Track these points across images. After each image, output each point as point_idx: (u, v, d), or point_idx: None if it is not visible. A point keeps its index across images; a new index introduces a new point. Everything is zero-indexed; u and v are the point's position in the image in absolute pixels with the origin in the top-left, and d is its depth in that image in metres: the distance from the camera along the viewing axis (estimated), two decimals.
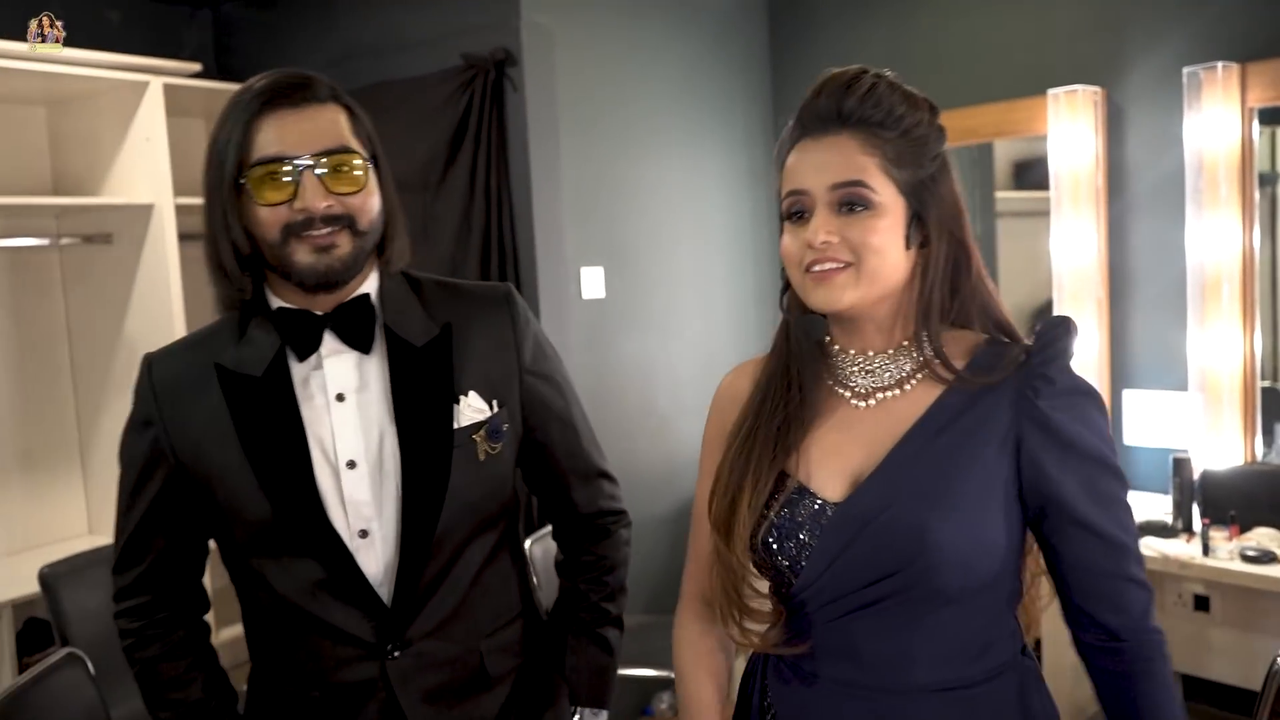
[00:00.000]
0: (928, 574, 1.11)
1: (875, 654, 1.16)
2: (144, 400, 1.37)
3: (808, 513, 1.18)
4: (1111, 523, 1.14)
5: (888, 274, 1.15)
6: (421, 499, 1.32)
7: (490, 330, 1.40)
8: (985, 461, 1.13)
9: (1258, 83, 2.97)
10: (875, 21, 3.77)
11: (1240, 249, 3.03)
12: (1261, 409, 3.09)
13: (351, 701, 1.34)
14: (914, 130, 1.15)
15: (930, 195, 1.16)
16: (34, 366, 3.49)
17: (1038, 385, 1.14)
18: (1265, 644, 2.30)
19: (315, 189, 1.25)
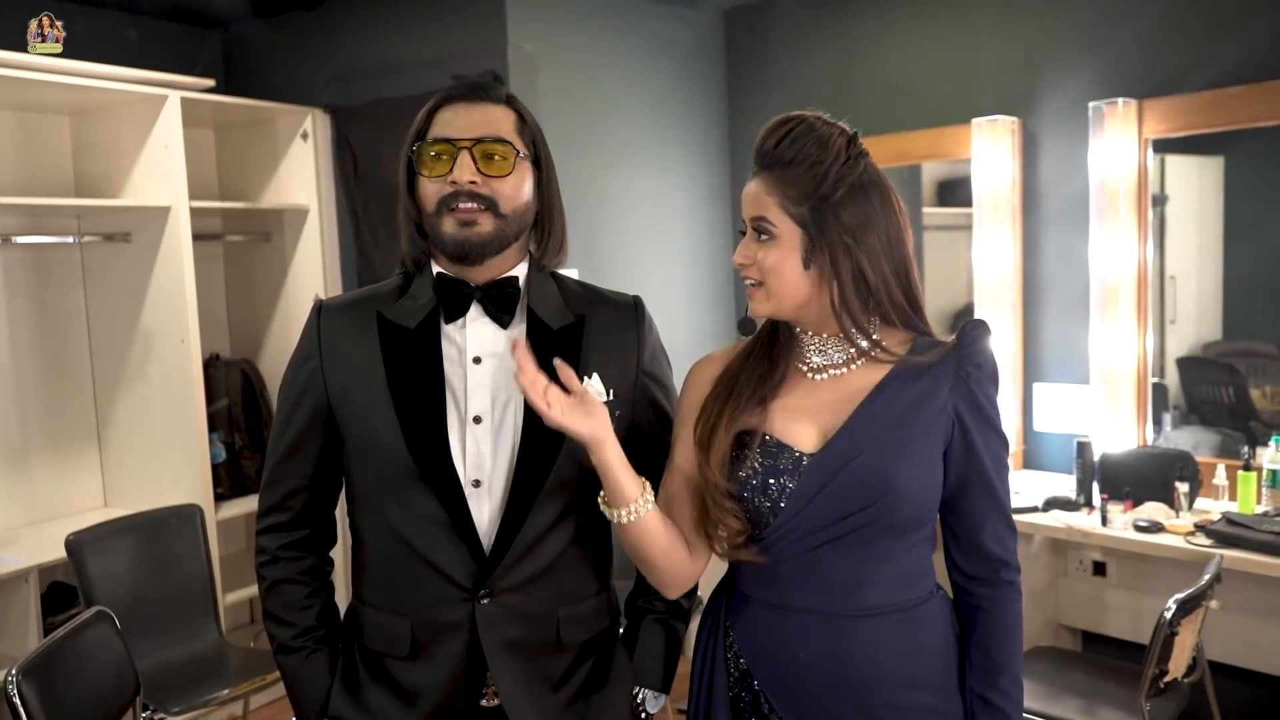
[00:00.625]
0: (889, 508, 1.25)
1: (836, 581, 1.29)
2: (309, 337, 1.42)
3: (786, 462, 1.30)
4: (999, 480, 1.32)
5: (788, 291, 1.28)
6: (535, 458, 1.35)
7: (617, 330, 1.45)
8: (928, 423, 1.28)
9: (1152, 116, 3.09)
10: (820, 57, 3.85)
11: (1136, 261, 3.15)
12: (1153, 400, 3.23)
13: (441, 637, 1.37)
14: (817, 168, 1.25)
15: (828, 223, 1.25)
16: (56, 354, 3.48)
17: (970, 370, 1.29)
18: (1154, 603, 2.40)
19: (466, 166, 1.32)
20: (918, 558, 1.32)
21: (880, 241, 1.28)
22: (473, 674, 1.37)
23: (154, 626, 2.86)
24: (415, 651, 1.38)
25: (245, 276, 3.98)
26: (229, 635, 3.17)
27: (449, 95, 1.37)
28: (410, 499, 1.35)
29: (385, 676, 1.41)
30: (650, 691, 1.49)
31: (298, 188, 3.75)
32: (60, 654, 2.18)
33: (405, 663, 1.39)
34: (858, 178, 1.27)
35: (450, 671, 1.37)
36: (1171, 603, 2.27)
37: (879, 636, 1.29)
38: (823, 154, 1.26)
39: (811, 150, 1.26)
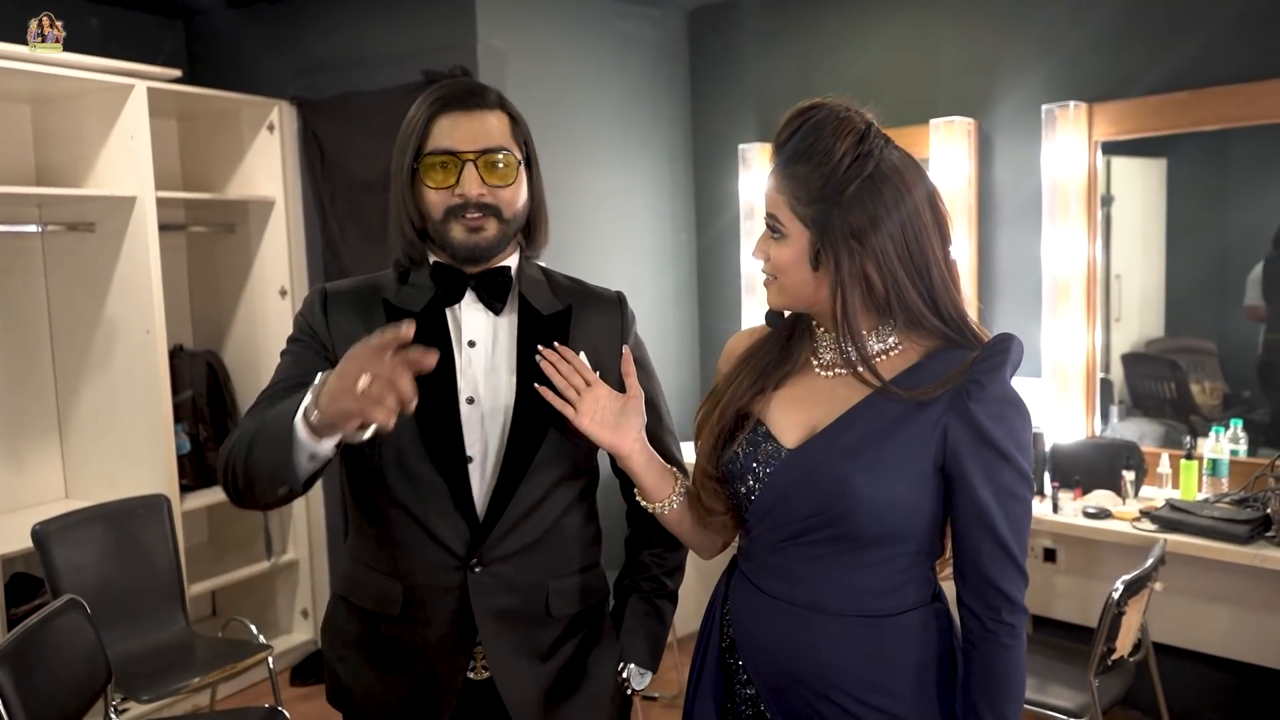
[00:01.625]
0: (846, 517, 1.22)
1: (803, 577, 1.28)
2: (314, 316, 1.46)
3: (765, 453, 1.31)
4: (1002, 512, 1.21)
5: (798, 289, 1.27)
6: (525, 435, 1.41)
7: (603, 320, 1.53)
8: (914, 439, 1.22)
9: (1102, 120, 3.20)
10: (783, 58, 3.93)
11: (1086, 259, 3.27)
12: (1100, 394, 3.35)
13: (432, 600, 1.41)
14: (826, 164, 1.20)
15: (833, 227, 1.21)
16: (16, 344, 3.44)
17: (970, 388, 1.21)
18: (1101, 588, 2.50)
19: (473, 179, 1.38)
20: (897, 571, 1.27)
21: (892, 241, 1.21)
22: (462, 640, 1.42)
23: (121, 616, 2.85)
24: (406, 613, 1.43)
25: (209, 268, 3.96)
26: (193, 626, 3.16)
27: (444, 103, 1.41)
28: (413, 470, 1.40)
29: (374, 634, 1.46)
30: (636, 667, 1.53)
31: (263, 179, 3.74)
32: (33, 642, 2.18)
33: (395, 622, 1.44)
34: (870, 174, 1.21)
35: (440, 634, 1.42)
36: (1119, 583, 2.37)
37: (843, 636, 1.26)
38: (832, 151, 1.21)
39: (822, 147, 1.21)
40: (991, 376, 1.21)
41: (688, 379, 4.24)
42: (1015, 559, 1.22)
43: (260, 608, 3.87)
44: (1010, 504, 1.22)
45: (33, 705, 2.06)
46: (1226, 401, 3.23)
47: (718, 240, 4.21)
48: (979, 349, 1.24)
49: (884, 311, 1.26)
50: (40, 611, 2.27)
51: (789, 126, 1.25)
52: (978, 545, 1.22)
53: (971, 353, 1.24)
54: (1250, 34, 2.95)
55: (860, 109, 1.26)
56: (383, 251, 4.05)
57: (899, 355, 1.27)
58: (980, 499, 1.21)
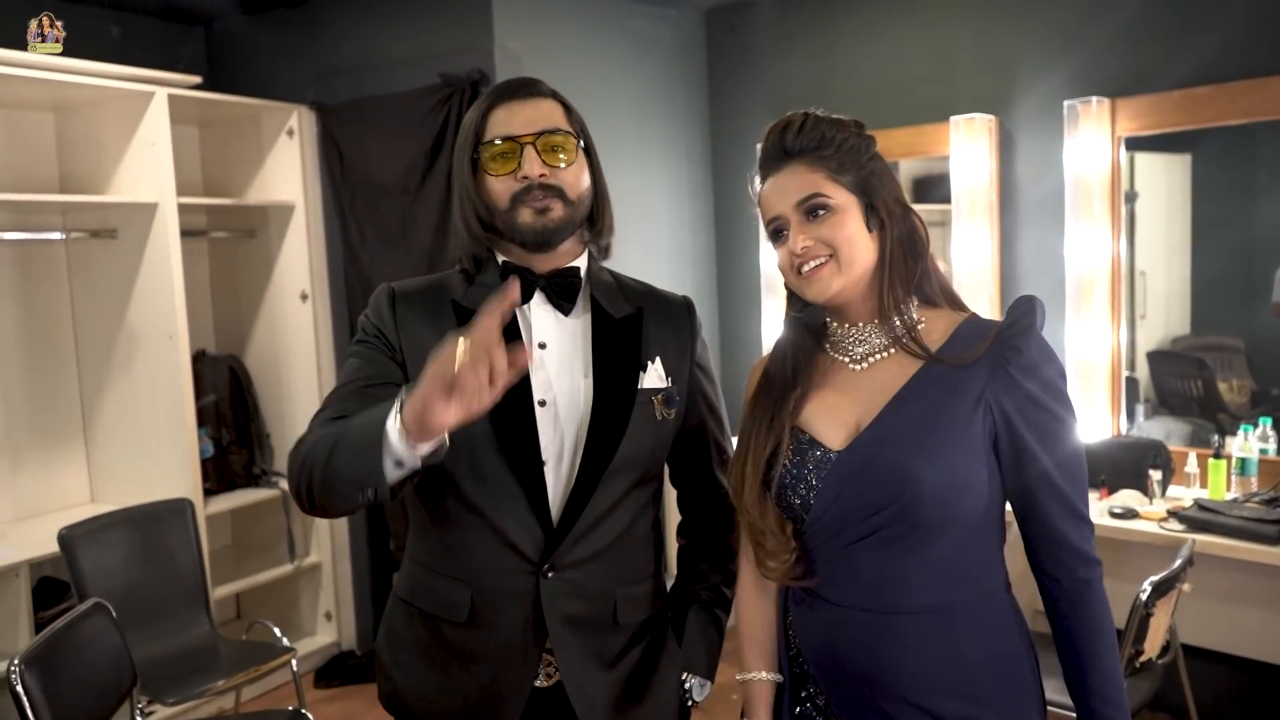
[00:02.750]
0: (912, 507, 1.22)
1: (872, 578, 1.26)
2: (382, 316, 1.44)
3: (814, 460, 1.29)
4: (1064, 473, 1.24)
5: (861, 256, 1.28)
6: (602, 440, 1.39)
7: (672, 325, 1.52)
8: (963, 416, 1.23)
9: (1125, 115, 3.17)
10: (800, 56, 3.91)
11: (1110, 256, 3.24)
12: (1126, 393, 3.31)
13: (502, 606, 1.39)
14: (845, 144, 1.29)
15: (875, 186, 1.30)
16: (42, 350, 3.47)
17: (1009, 355, 1.24)
18: (1128, 589, 2.47)
19: (533, 160, 1.38)
20: (969, 553, 1.27)
21: (910, 209, 1.33)
22: (532, 646, 1.40)
23: (146, 619, 2.87)
24: (473, 618, 1.40)
25: (230, 273, 3.99)
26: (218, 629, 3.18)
27: (499, 96, 1.42)
28: (487, 471, 1.38)
29: (438, 640, 1.43)
30: (697, 679, 1.52)
31: (283, 184, 3.76)
32: (59, 645, 2.21)
33: (461, 628, 1.41)
34: (877, 154, 1.32)
35: (509, 641, 1.40)
36: (1147, 584, 2.34)
37: (916, 637, 1.25)
38: (844, 133, 1.30)
39: (833, 132, 1.29)
40: (1027, 340, 1.24)
41: None
42: (1082, 514, 1.26)
43: (284, 610, 3.89)
44: (1070, 462, 1.25)
45: (58, 709, 2.08)
46: (1255, 399, 3.19)
47: (737, 240, 4.20)
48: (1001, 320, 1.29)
49: (909, 284, 1.31)
50: (66, 615, 2.30)
51: (791, 128, 1.31)
52: (1047, 511, 1.25)
53: (992, 322, 1.29)
54: (1277, 26, 2.91)
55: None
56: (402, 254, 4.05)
57: (925, 333, 1.30)
58: (1043, 465, 1.23)
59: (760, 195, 1.35)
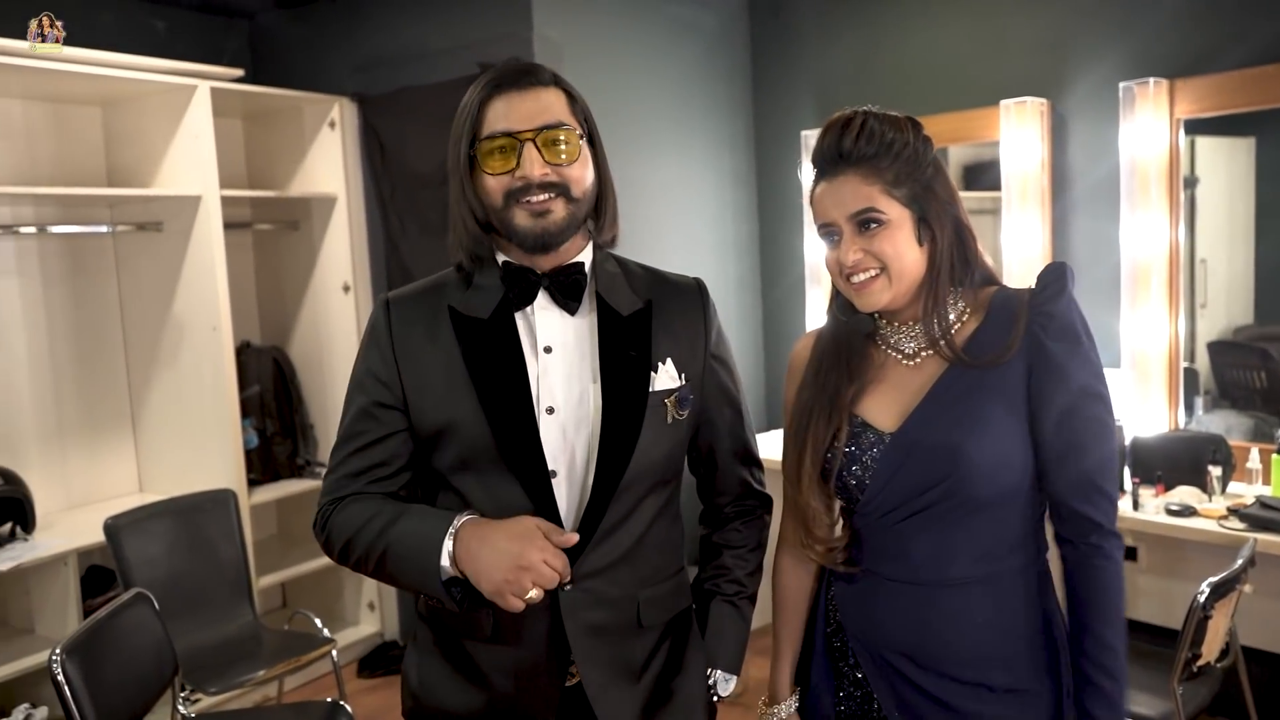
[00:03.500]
0: (963, 483, 1.27)
1: (922, 553, 1.33)
2: (379, 330, 1.40)
3: (868, 442, 1.36)
4: (1084, 442, 1.27)
5: (910, 269, 1.32)
6: (615, 448, 1.34)
7: (684, 313, 1.44)
8: (1006, 390, 1.29)
9: (1184, 96, 3.05)
10: (846, 40, 3.83)
11: (1167, 244, 3.12)
12: (1185, 385, 3.20)
13: (522, 622, 1.34)
14: (904, 152, 1.30)
15: (928, 198, 1.31)
16: (91, 341, 3.53)
17: (1043, 321, 1.28)
18: (1185, 588, 2.39)
19: (533, 159, 1.29)
20: (1014, 525, 1.32)
21: (961, 208, 1.35)
22: (556, 659, 1.36)
23: (189, 608, 2.91)
24: (497, 634, 1.37)
25: (274, 265, 4.02)
26: (261, 619, 3.21)
27: (496, 84, 1.32)
28: (494, 487, 1.34)
29: (463, 656, 1.40)
30: (722, 673, 1.49)
31: (325, 176, 3.78)
32: (101, 634, 2.23)
33: (486, 645, 1.38)
34: (933, 155, 1.34)
35: (533, 654, 1.36)
36: (1205, 586, 2.25)
37: (962, 608, 1.31)
38: (902, 137, 1.31)
39: (892, 137, 1.30)
40: (1056, 304, 1.28)
41: (752, 369, 4.18)
42: (1100, 487, 1.29)
43: (328, 600, 3.92)
44: (1094, 432, 1.28)
45: (100, 698, 2.10)
46: None
47: (781, 228, 4.14)
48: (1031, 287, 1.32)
49: (954, 280, 1.35)
50: (108, 605, 2.32)
51: (849, 131, 1.30)
52: (1067, 474, 1.28)
53: (1020, 291, 1.33)
54: None
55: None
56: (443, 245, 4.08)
57: (969, 318, 1.35)
58: (1063, 427, 1.27)
59: (813, 196, 1.36)
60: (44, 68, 2.93)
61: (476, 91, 1.34)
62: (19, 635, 3.12)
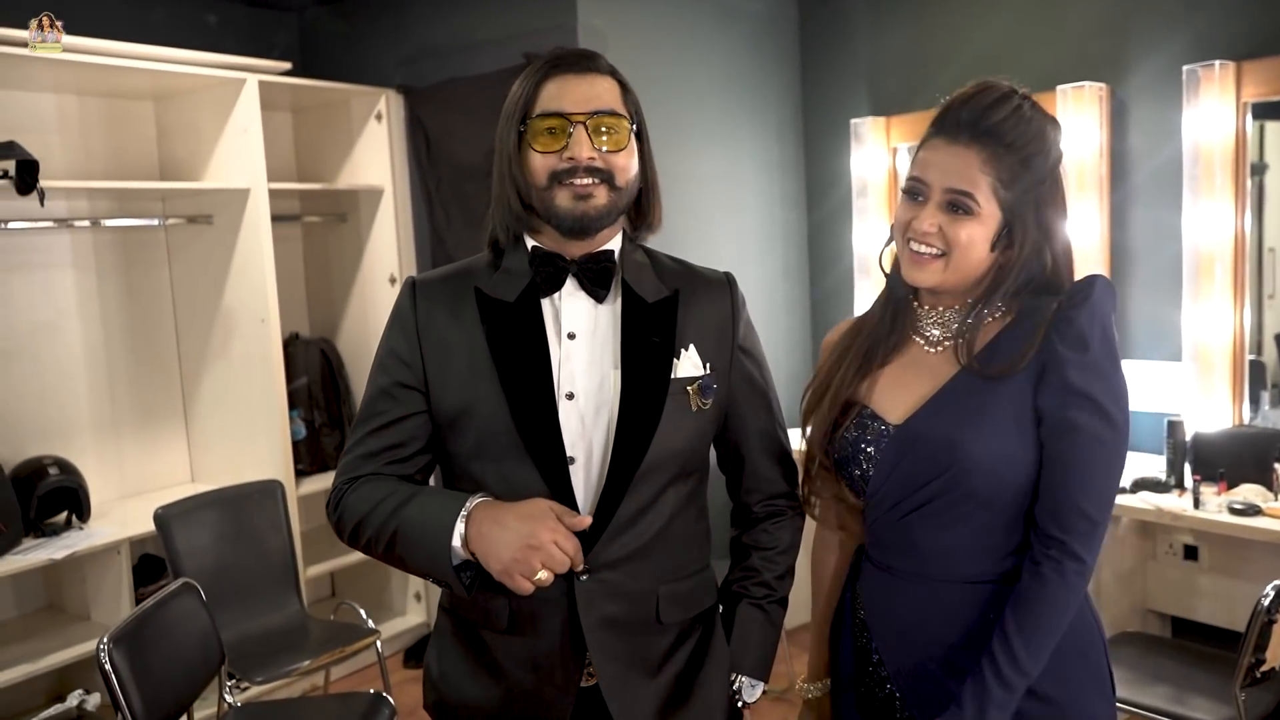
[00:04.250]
0: (961, 477, 1.25)
1: (929, 548, 1.30)
2: (404, 313, 1.39)
3: (873, 434, 1.34)
4: (1078, 458, 1.22)
5: (971, 268, 1.28)
6: (633, 435, 1.32)
7: (712, 305, 1.42)
8: (1015, 389, 1.25)
9: (1252, 79, 2.93)
10: (899, 24, 3.75)
11: (1233, 232, 3.00)
12: (1250, 378, 3.09)
13: (539, 612, 1.34)
14: (1034, 159, 1.24)
15: (1027, 212, 1.26)
16: (144, 333, 3.58)
17: (1061, 327, 1.24)
18: (1248, 589, 2.30)
19: (583, 142, 1.29)
20: (1014, 529, 1.28)
21: (1061, 229, 1.30)
22: (573, 652, 1.34)
23: (237, 598, 2.93)
24: (514, 625, 1.36)
25: (323, 257, 4.05)
26: (309, 609, 3.24)
27: (555, 65, 1.33)
28: (510, 472, 1.32)
29: (481, 647, 1.39)
30: (748, 679, 1.45)
31: (373, 168, 3.79)
32: (148, 624, 2.26)
33: (503, 636, 1.37)
34: (1059, 169, 1.29)
35: (549, 647, 1.35)
36: (1270, 589, 2.17)
37: (977, 604, 1.28)
38: (1042, 144, 1.25)
39: (1033, 138, 1.24)
40: (1078, 312, 1.23)
41: (798, 360, 4.12)
42: (1079, 507, 1.22)
43: (376, 590, 3.95)
44: (1088, 450, 1.22)
45: (146, 686, 2.13)
46: None
47: (829, 218, 4.07)
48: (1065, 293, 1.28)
49: (1011, 289, 1.30)
50: (155, 595, 2.35)
51: (998, 107, 1.23)
52: (1049, 485, 1.24)
53: (1051, 301, 1.27)
54: None
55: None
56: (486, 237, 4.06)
57: (997, 320, 1.32)
58: (1058, 442, 1.22)
59: (920, 148, 1.31)
60: (99, 63, 2.98)
61: (533, 71, 1.35)
62: (76, 622, 3.19)
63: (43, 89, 3.26)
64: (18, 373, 3.25)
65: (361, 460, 1.38)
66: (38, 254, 3.30)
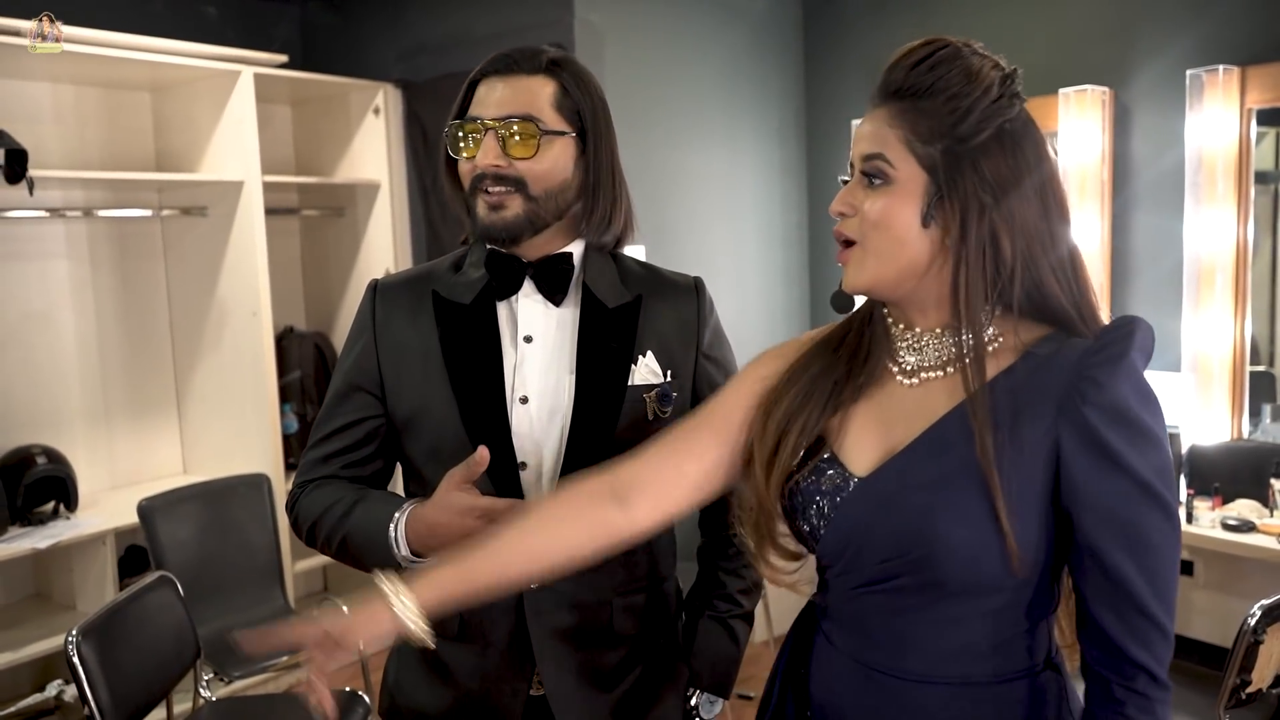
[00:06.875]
0: (930, 563, 0.97)
1: (882, 634, 1.04)
2: (363, 316, 1.39)
3: (831, 484, 1.06)
4: (1135, 560, 0.94)
5: (898, 253, 1.00)
6: (586, 441, 1.29)
7: (677, 310, 1.38)
8: (1019, 461, 0.96)
9: (1257, 85, 2.88)
10: (900, 26, 3.70)
11: (1235, 241, 2.95)
12: (1250, 390, 3.03)
13: (488, 621, 1.32)
14: (959, 100, 0.98)
15: (963, 172, 0.98)
16: (138, 324, 3.58)
17: (1085, 389, 0.95)
18: (1243, 606, 2.25)
19: (489, 149, 1.26)
20: (1001, 627, 1.00)
21: (1030, 208, 0.99)
22: (521, 662, 1.32)
23: (220, 592, 2.93)
24: (463, 633, 1.34)
25: (320, 251, 4.04)
26: (300, 603, 3.23)
27: (485, 69, 1.31)
28: None
29: (434, 656, 1.37)
30: (706, 696, 1.41)
31: (370, 163, 3.78)
32: (121, 617, 2.24)
33: (453, 644, 1.35)
34: (1010, 121, 0.99)
35: (498, 656, 1.33)
36: (1256, 609, 2.11)
37: (928, 707, 1.02)
38: (969, 85, 0.98)
39: (956, 79, 0.99)
40: (1112, 370, 0.94)
41: None
42: (1156, 620, 0.94)
43: (367, 586, 3.93)
44: (1147, 548, 0.93)
45: (115, 680, 2.11)
46: None
47: (831, 220, 4.00)
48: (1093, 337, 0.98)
49: (990, 295, 1.00)
50: (130, 588, 2.34)
51: (911, 56, 1.02)
52: (1102, 602, 0.96)
53: (1084, 341, 0.98)
54: None
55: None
56: None
57: (993, 354, 1.01)
58: (1102, 541, 0.94)
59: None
60: (95, 54, 2.97)
61: (474, 73, 1.32)
62: (61, 611, 3.19)
63: (39, 78, 3.26)
64: (9, 362, 3.26)
65: (317, 464, 1.38)
66: (31, 243, 3.30)
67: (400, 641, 1.39)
